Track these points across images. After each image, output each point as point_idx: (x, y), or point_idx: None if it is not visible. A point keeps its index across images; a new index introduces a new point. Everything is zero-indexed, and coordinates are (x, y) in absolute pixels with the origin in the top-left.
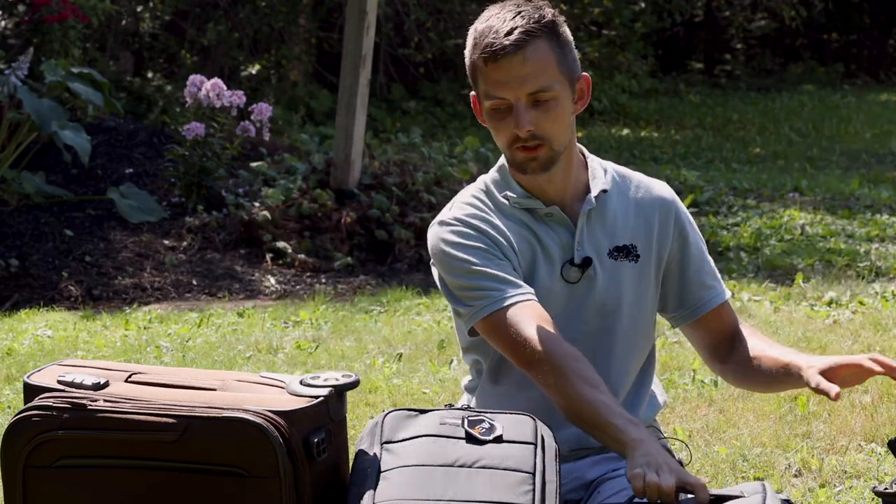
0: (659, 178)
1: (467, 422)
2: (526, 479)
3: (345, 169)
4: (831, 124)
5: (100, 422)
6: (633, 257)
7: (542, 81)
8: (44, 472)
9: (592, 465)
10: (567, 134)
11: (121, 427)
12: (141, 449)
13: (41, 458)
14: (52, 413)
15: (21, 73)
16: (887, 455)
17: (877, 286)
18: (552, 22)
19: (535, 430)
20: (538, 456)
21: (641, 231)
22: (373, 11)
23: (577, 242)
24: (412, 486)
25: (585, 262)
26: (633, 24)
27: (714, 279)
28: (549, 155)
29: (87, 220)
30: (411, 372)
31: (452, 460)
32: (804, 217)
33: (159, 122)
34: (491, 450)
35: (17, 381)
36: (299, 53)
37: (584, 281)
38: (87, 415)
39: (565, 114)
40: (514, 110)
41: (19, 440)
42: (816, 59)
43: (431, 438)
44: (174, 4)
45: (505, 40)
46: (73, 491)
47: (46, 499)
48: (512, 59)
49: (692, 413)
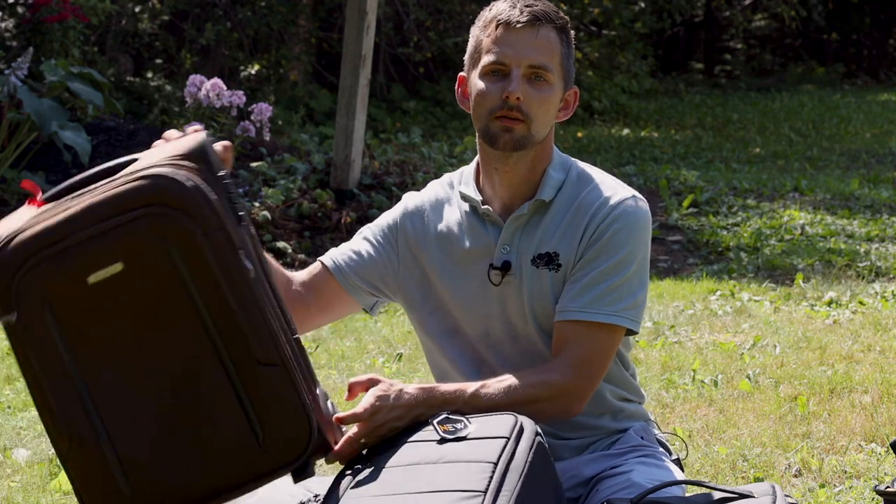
0: (659, 178)
1: (437, 421)
2: (486, 468)
3: (345, 169)
4: (831, 124)
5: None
6: (554, 266)
7: (546, 60)
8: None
9: (590, 463)
10: (547, 126)
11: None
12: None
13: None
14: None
15: (21, 73)
16: (887, 455)
17: (877, 286)
18: (566, 22)
19: (514, 426)
20: (507, 447)
21: (568, 239)
22: (373, 11)
23: (500, 245)
24: (376, 485)
25: (504, 265)
26: (632, 24)
27: (575, 300)
28: (524, 134)
29: None
30: (411, 372)
31: (418, 459)
32: (804, 217)
33: (159, 122)
34: (458, 447)
35: (17, 381)
36: (299, 53)
37: (504, 285)
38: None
39: (552, 105)
40: (511, 76)
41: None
42: (816, 59)
43: (410, 443)
44: (173, 4)
45: (523, 16)
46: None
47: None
48: (527, 29)
49: (692, 413)
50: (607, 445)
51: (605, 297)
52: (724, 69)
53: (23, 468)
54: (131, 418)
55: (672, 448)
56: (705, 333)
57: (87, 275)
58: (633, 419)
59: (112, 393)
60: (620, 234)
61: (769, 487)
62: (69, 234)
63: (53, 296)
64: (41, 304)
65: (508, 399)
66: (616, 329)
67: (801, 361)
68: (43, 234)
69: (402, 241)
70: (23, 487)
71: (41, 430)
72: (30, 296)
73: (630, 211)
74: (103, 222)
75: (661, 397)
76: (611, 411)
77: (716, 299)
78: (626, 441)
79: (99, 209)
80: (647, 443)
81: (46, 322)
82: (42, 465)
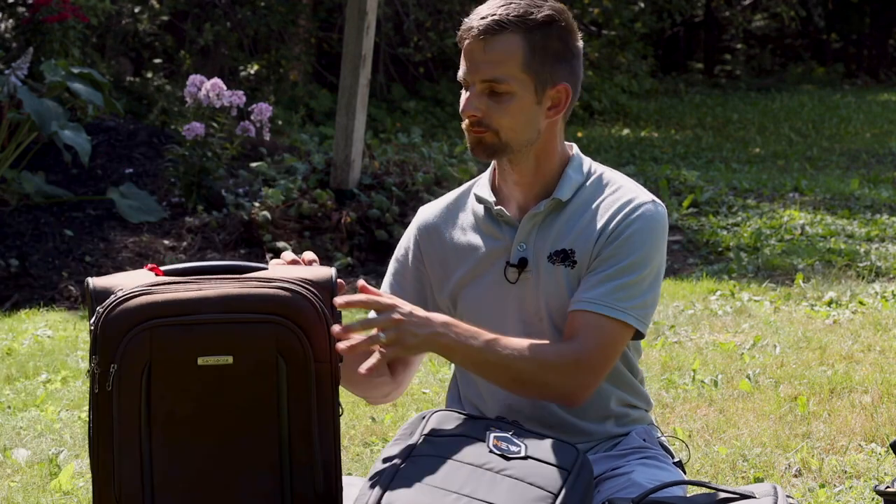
0: (659, 178)
1: (494, 435)
2: (546, 497)
3: (345, 169)
4: (831, 124)
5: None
6: (570, 262)
7: (498, 72)
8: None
9: (593, 464)
10: (526, 133)
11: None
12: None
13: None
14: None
15: (21, 73)
16: (887, 455)
17: (877, 286)
18: (540, 23)
19: (576, 460)
20: (569, 482)
21: (585, 237)
22: (373, 11)
23: (517, 243)
24: (435, 473)
25: (521, 262)
26: (632, 24)
27: (588, 292)
28: (493, 142)
29: (87, 220)
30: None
31: (482, 462)
32: (804, 217)
33: (159, 122)
34: (523, 464)
35: (17, 381)
36: (299, 53)
37: (521, 282)
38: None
39: (522, 112)
40: (470, 92)
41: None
42: (816, 60)
43: (471, 439)
44: (172, 5)
45: (475, 24)
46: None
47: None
48: (475, 42)
49: (692, 413)
50: (609, 447)
51: (617, 293)
52: (724, 69)
53: (23, 468)
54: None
55: (673, 450)
56: (705, 333)
57: (198, 356)
58: (637, 424)
59: (173, 475)
60: (638, 236)
61: (770, 488)
62: (198, 312)
63: (157, 363)
64: (143, 367)
65: (524, 360)
66: (625, 327)
67: (801, 361)
68: (174, 303)
69: (427, 261)
70: (23, 487)
71: (41, 429)
72: (137, 354)
73: (649, 215)
74: (233, 314)
75: (661, 397)
76: (615, 416)
77: (716, 299)
78: (628, 443)
79: (233, 301)
80: (649, 445)
81: (141, 388)
82: (42, 465)
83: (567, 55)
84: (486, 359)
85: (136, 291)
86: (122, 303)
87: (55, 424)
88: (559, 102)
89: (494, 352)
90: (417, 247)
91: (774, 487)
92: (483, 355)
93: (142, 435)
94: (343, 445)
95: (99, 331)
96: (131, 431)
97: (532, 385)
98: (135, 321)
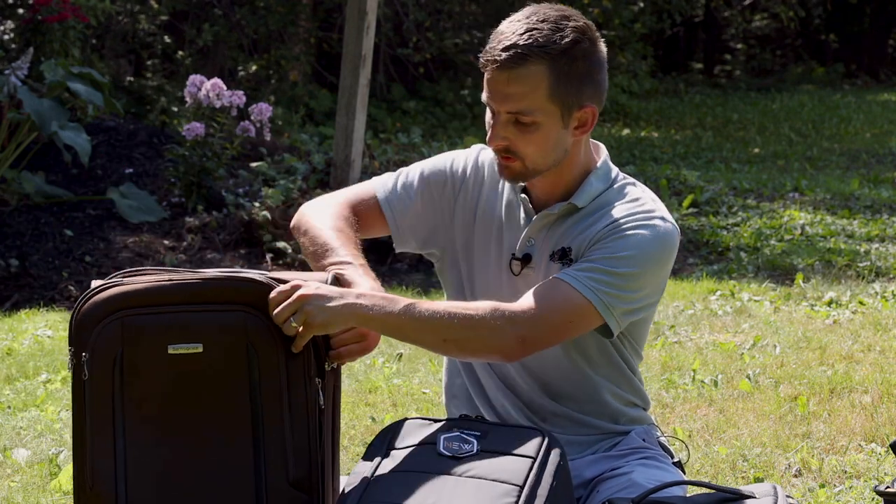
0: (659, 178)
1: (445, 437)
2: (511, 490)
3: (345, 169)
4: (831, 124)
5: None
6: (566, 260)
7: (523, 105)
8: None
9: (591, 464)
10: (551, 156)
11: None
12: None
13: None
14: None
15: (21, 73)
16: (887, 455)
17: (877, 286)
18: (565, 49)
19: (540, 444)
20: (534, 470)
21: (584, 236)
22: (373, 12)
23: (525, 237)
24: (398, 491)
25: (525, 258)
26: (632, 24)
27: (567, 269)
28: (521, 170)
29: (87, 220)
30: (411, 372)
31: (444, 468)
32: (804, 217)
33: (159, 122)
34: (482, 461)
35: (17, 381)
36: (299, 53)
37: (522, 276)
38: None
39: (548, 139)
40: (495, 120)
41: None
42: (816, 59)
43: (429, 447)
44: (171, 5)
45: (499, 54)
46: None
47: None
48: (499, 74)
49: (692, 413)
50: (608, 447)
51: (595, 274)
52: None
53: (23, 468)
54: (153, 494)
55: (673, 451)
56: (705, 333)
57: (168, 344)
58: (636, 424)
59: (145, 463)
60: (638, 238)
61: (770, 488)
62: (168, 303)
63: (128, 352)
64: (114, 357)
65: (447, 319)
66: (587, 305)
67: (801, 361)
68: (143, 292)
69: (462, 197)
70: (23, 487)
71: (41, 429)
72: (108, 344)
73: (657, 228)
74: (203, 304)
75: (661, 397)
76: (610, 413)
77: (716, 299)
78: (628, 443)
79: (203, 289)
80: (649, 445)
81: (114, 376)
82: (42, 465)
83: (592, 72)
84: (405, 324)
85: (109, 283)
86: (95, 294)
87: (55, 424)
88: (586, 122)
89: (414, 315)
90: (465, 186)
91: (774, 487)
92: (402, 321)
93: (115, 423)
94: (343, 445)
95: (74, 322)
96: (104, 420)
97: (461, 341)
98: (106, 311)
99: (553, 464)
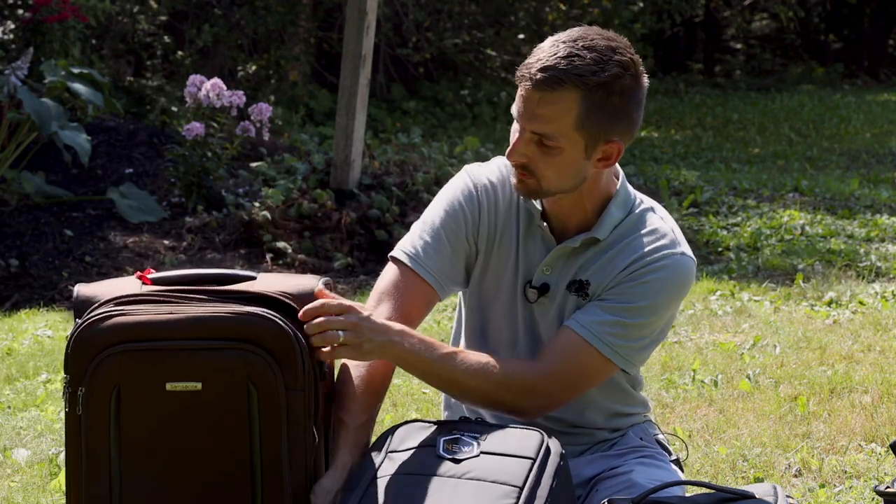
0: (659, 178)
1: (445, 439)
2: (511, 492)
3: (345, 169)
4: (831, 124)
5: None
6: (583, 293)
7: (548, 129)
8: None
9: (589, 464)
10: (568, 182)
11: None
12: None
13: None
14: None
15: (21, 73)
16: (887, 455)
17: (877, 286)
18: (603, 82)
19: (539, 445)
20: (533, 471)
21: (604, 272)
22: (373, 12)
23: (542, 265)
24: (399, 493)
25: (542, 287)
26: (632, 24)
27: (586, 314)
28: (535, 188)
29: (86, 220)
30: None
31: (444, 470)
32: (804, 217)
33: (159, 122)
34: (482, 462)
35: (17, 381)
36: (299, 53)
37: (538, 305)
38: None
39: (567, 165)
40: (519, 136)
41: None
42: (816, 59)
43: (429, 449)
44: (171, 5)
45: (535, 73)
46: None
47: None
48: (532, 93)
49: (692, 413)
50: (607, 447)
51: (612, 328)
52: (724, 69)
53: (23, 468)
54: None
55: (672, 448)
56: (705, 333)
57: (166, 381)
58: (632, 424)
59: (140, 498)
60: (656, 285)
61: (770, 488)
62: (168, 338)
63: (125, 388)
64: (111, 391)
65: (477, 378)
66: (605, 361)
67: (801, 361)
68: (143, 326)
69: (482, 230)
70: (23, 487)
71: (41, 429)
72: (104, 378)
73: (675, 266)
74: (201, 340)
75: (661, 397)
76: (607, 424)
77: (716, 299)
78: (626, 442)
79: (200, 326)
80: (647, 443)
81: (109, 409)
82: (42, 465)
83: (628, 109)
84: (437, 373)
85: (109, 312)
86: (94, 323)
87: (55, 424)
88: (610, 156)
89: (448, 367)
90: (482, 220)
91: (774, 487)
92: (435, 368)
93: (111, 459)
94: None
95: (70, 350)
96: (101, 456)
97: (484, 402)
98: (104, 344)
99: (553, 464)
